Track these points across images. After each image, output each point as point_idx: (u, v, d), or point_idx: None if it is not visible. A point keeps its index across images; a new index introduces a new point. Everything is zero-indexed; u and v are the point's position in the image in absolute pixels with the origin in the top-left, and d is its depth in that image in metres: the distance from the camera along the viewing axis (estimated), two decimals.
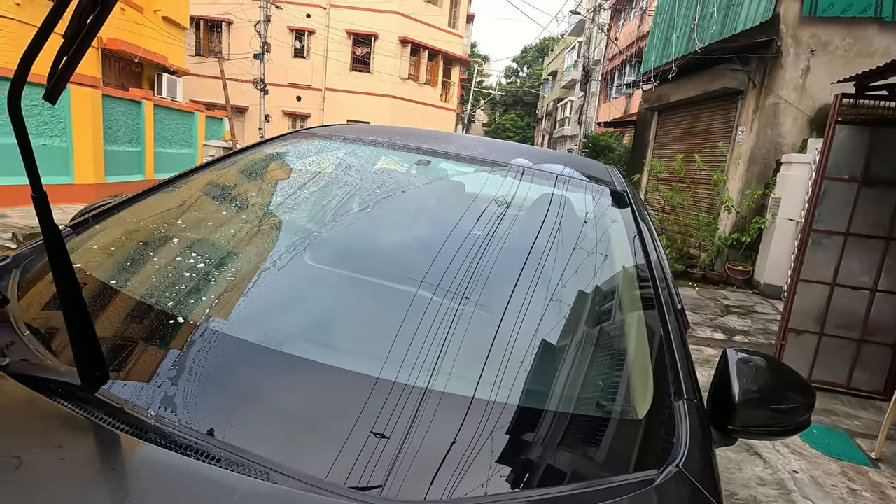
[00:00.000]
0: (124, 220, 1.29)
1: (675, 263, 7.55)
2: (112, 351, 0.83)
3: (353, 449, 0.69)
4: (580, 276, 1.15)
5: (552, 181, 1.48)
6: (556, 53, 37.56)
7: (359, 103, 21.17)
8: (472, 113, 42.15)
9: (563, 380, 0.91)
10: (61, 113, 8.19)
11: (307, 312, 1.07)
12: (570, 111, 28.69)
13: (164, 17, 12.82)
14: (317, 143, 1.66)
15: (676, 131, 10.01)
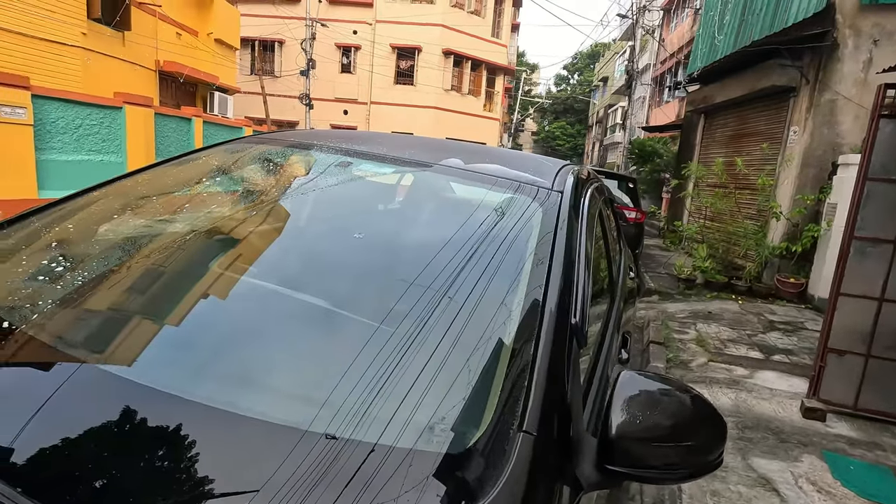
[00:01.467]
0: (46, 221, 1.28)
1: (716, 274, 7.02)
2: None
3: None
4: (458, 282, 1.02)
5: (474, 182, 1.37)
6: (606, 59, 36.64)
7: (402, 115, 21.54)
8: (519, 122, 41.83)
9: (382, 401, 0.79)
10: (117, 131, 8.84)
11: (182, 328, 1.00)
12: (620, 118, 27.80)
13: (217, 40, 13.65)
14: (238, 150, 1.62)
15: (723, 134, 9.39)
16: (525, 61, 47.91)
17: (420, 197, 1.44)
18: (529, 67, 47.13)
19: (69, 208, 1.33)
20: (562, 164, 1.59)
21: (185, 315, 0.98)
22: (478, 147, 1.79)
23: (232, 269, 1.13)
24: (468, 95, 22.57)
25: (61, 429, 0.68)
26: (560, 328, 0.91)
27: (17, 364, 0.81)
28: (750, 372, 4.12)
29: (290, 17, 19.11)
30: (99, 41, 9.90)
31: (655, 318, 5.49)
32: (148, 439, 0.69)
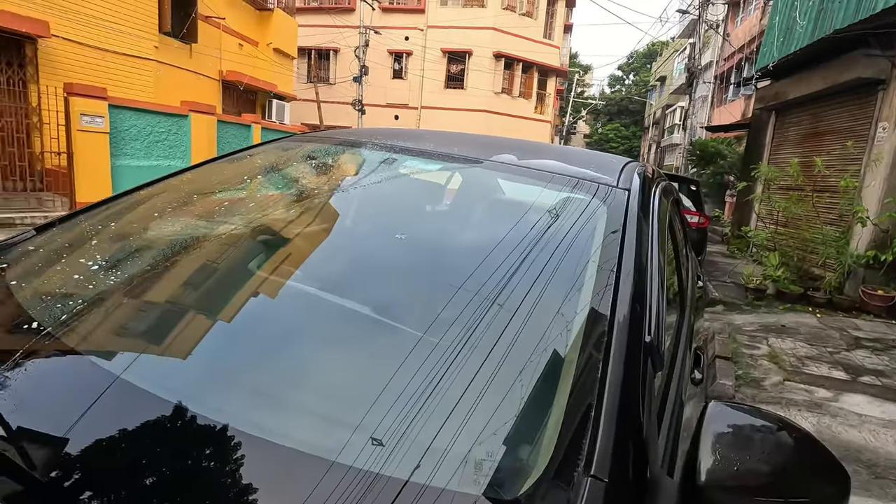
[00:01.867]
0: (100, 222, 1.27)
1: (790, 285, 6.44)
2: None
3: None
4: (510, 291, 0.89)
5: (529, 179, 1.24)
6: (664, 58, 35.18)
7: (452, 119, 21.57)
8: (572, 124, 40.94)
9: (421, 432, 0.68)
10: (183, 138, 9.34)
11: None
12: (679, 118, 26.55)
13: (276, 49, 14.20)
14: (286, 148, 1.57)
15: (797, 132, 8.67)
16: (578, 62, 46.91)
17: (469, 195, 1.32)
18: (582, 69, 46.10)
19: (113, 209, 1.31)
20: (625, 160, 1.43)
21: (217, 328, 0.90)
22: (532, 142, 1.65)
23: (270, 272, 1.06)
24: (519, 98, 22.29)
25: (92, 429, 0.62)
26: (632, 347, 0.77)
27: (61, 357, 0.76)
28: (834, 394, 3.70)
29: (345, 25, 19.64)
30: (169, 53, 10.52)
31: (721, 330, 5.09)
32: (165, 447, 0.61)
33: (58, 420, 0.64)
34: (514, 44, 21.23)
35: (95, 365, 0.74)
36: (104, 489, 0.58)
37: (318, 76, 21.67)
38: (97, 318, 0.89)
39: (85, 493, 0.57)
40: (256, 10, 13.51)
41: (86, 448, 0.61)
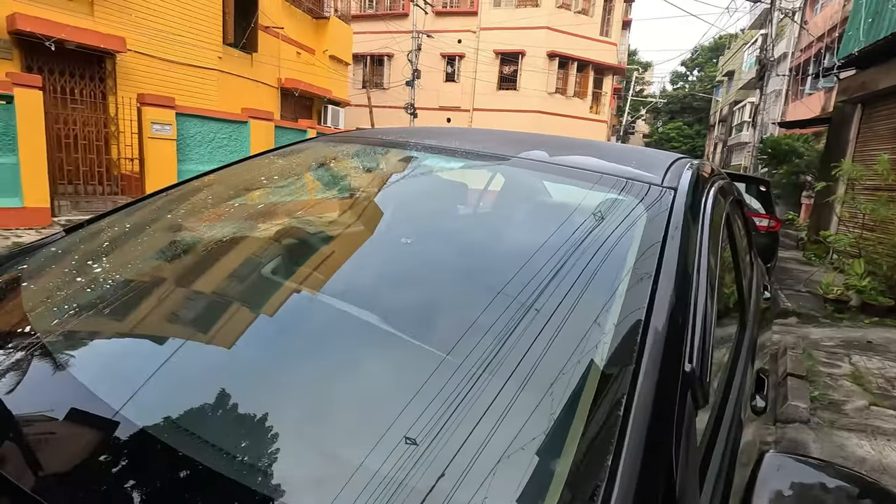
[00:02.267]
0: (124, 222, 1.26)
1: (878, 296, 5.77)
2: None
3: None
4: (531, 315, 0.76)
5: (561, 177, 1.11)
6: (733, 51, 33.10)
7: (505, 121, 21.35)
8: (630, 124, 39.45)
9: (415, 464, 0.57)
10: (243, 143, 9.78)
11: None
12: (748, 114, 24.88)
13: (331, 56, 14.62)
14: (312, 148, 1.51)
15: (888, 126, 7.80)
16: (637, 59, 45.21)
17: (492, 195, 1.21)
18: (641, 66, 44.36)
19: (133, 214, 1.30)
20: (676, 156, 1.26)
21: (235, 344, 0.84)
22: (570, 138, 1.51)
23: (281, 280, 1.00)
24: (573, 98, 21.71)
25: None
26: (667, 379, 0.63)
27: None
28: None
29: (399, 31, 19.94)
30: (231, 63, 11.07)
31: (794, 345, 4.62)
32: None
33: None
34: (568, 42, 20.71)
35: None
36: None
37: (372, 81, 22.15)
38: (101, 324, 0.85)
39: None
40: (313, 18, 13.97)
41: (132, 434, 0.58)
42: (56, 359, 0.73)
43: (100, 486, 0.54)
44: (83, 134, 7.81)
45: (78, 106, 7.87)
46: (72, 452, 0.59)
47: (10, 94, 6.35)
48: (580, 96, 21.93)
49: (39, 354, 0.74)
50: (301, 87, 13.02)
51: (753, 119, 18.49)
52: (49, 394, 0.68)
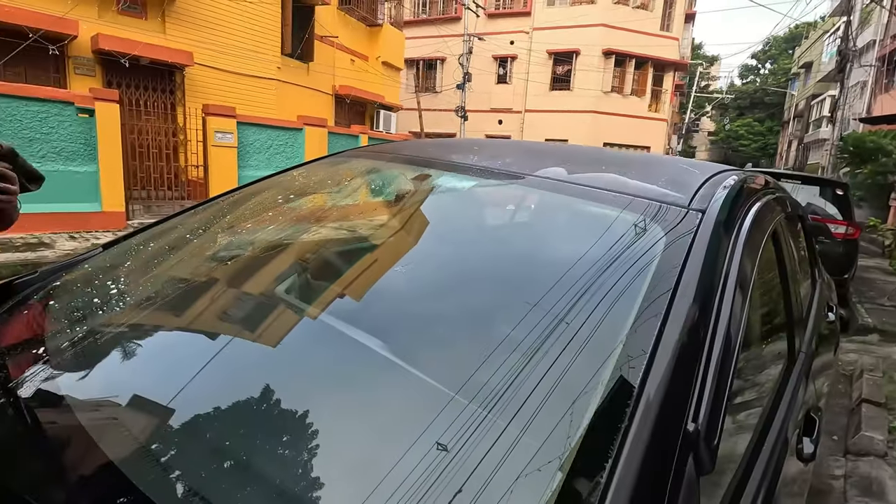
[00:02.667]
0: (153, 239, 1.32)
1: None
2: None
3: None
4: (524, 356, 0.71)
5: (576, 198, 1.04)
6: (811, 40, 30.64)
7: (557, 122, 20.92)
8: (693, 121, 37.48)
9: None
10: (298, 149, 10.16)
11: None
12: (827, 109, 22.93)
13: (384, 63, 14.91)
14: (333, 164, 1.52)
15: None
16: (702, 54, 42.93)
17: (503, 217, 1.15)
18: (707, 60, 42.06)
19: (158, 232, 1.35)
20: (715, 170, 1.15)
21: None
22: (599, 151, 1.42)
23: (290, 299, 1.00)
24: (631, 96, 20.92)
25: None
26: (661, 441, 0.56)
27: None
28: None
29: (451, 35, 20.03)
30: (288, 73, 11.54)
31: (873, 366, 4.17)
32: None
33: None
34: (626, 39, 19.98)
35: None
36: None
37: (425, 86, 22.41)
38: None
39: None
40: (367, 26, 14.32)
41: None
42: (111, 353, 0.78)
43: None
44: (154, 143, 8.42)
45: (150, 117, 8.49)
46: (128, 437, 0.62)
47: (92, 108, 6.94)
48: (638, 94, 21.10)
49: (98, 348, 0.80)
50: (354, 94, 13.37)
51: (833, 114, 17.01)
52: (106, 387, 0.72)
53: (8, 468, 0.63)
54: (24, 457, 0.65)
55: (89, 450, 0.64)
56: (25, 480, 0.61)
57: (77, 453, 0.65)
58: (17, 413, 0.72)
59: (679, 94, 31.06)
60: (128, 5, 8.45)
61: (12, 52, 7.16)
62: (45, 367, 0.79)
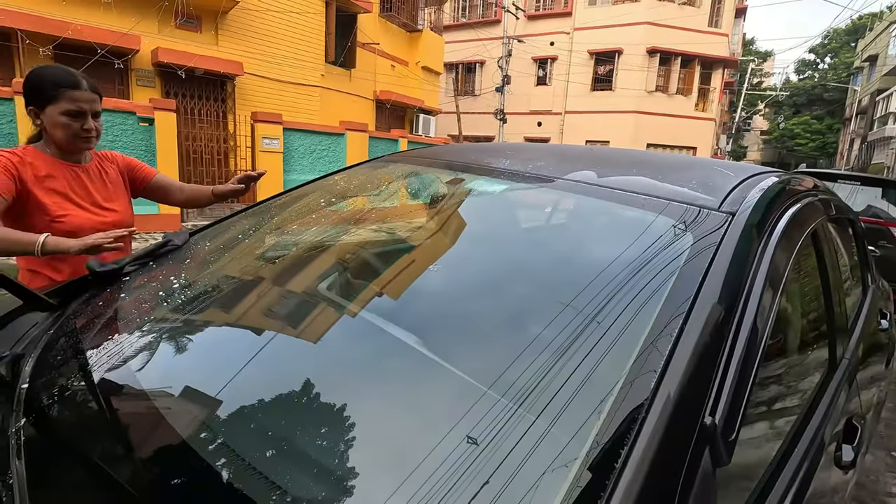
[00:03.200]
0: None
1: None
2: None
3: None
4: (549, 347, 0.75)
5: (605, 201, 1.07)
6: (876, 31, 28.72)
7: (598, 123, 20.54)
8: (744, 120, 35.88)
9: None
10: (340, 154, 10.47)
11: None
12: (894, 105, 21.43)
13: (424, 67, 15.12)
14: (373, 169, 1.60)
15: None
16: (754, 49, 41.04)
17: (533, 220, 1.19)
18: (759, 56, 40.16)
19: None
20: (751, 172, 1.14)
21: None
22: (628, 154, 1.44)
23: (331, 297, 1.08)
24: (676, 95, 20.28)
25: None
26: (676, 434, 0.58)
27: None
28: None
29: (490, 38, 20.07)
30: (331, 80, 11.90)
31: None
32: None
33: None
34: (671, 37, 19.40)
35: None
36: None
37: (464, 89, 22.52)
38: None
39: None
40: (407, 32, 14.57)
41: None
42: (175, 342, 0.88)
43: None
44: (206, 149, 8.89)
45: (203, 124, 8.98)
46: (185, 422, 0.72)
47: (152, 117, 7.41)
48: (684, 93, 20.42)
49: (159, 340, 0.90)
50: (394, 99, 13.62)
51: None
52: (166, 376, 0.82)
53: (89, 443, 0.72)
54: (103, 434, 0.75)
55: (159, 428, 0.72)
56: (104, 453, 0.70)
57: (147, 431, 0.74)
58: (95, 395, 0.82)
59: (729, 93, 29.82)
60: (185, 20, 8.97)
61: (83, 67, 7.75)
62: (119, 354, 0.90)
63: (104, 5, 7.96)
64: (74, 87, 1.42)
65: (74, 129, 1.45)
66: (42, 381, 0.83)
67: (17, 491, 0.62)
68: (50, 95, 1.42)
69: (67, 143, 1.48)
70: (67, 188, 1.50)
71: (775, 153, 40.20)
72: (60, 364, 0.89)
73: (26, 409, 0.76)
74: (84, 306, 1.12)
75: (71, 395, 0.81)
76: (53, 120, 1.44)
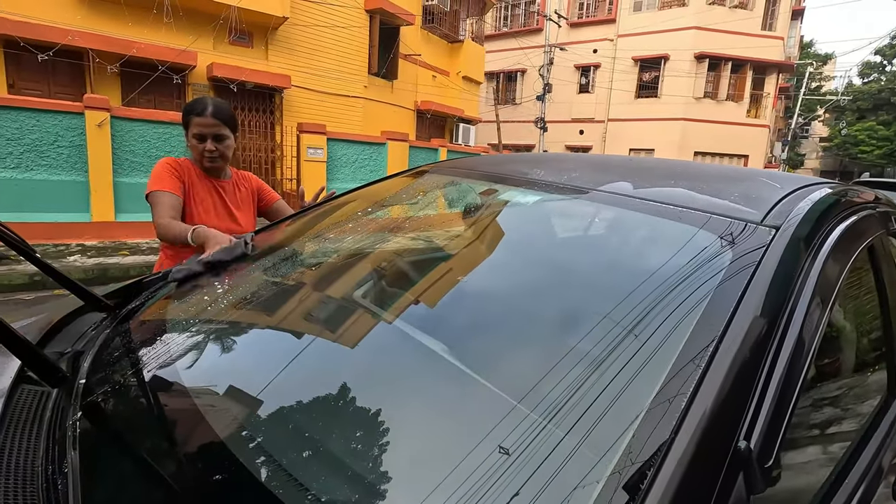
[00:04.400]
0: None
1: None
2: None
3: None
4: (578, 363, 0.74)
5: (641, 213, 1.05)
6: None
7: (643, 131, 20.05)
8: (802, 126, 34.05)
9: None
10: (381, 163, 10.67)
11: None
12: None
13: (464, 77, 15.24)
14: (419, 180, 1.62)
15: None
16: (812, 52, 38.97)
17: (558, 234, 1.18)
18: (818, 59, 38.10)
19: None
20: (801, 184, 1.09)
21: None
22: (669, 165, 1.40)
23: (371, 306, 1.11)
24: (726, 101, 19.53)
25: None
26: (706, 457, 0.57)
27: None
28: None
29: (532, 46, 20.01)
30: (374, 91, 12.19)
31: None
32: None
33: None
34: (721, 41, 18.74)
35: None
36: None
37: (505, 98, 22.52)
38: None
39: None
40: (448, 42, 14.74)
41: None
42: (220, 345, 0.93)
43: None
44: (255, 158, 9.28)
45: (252, 135, 9.38)
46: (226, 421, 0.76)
47: None
48: (735, 99, 19.64)
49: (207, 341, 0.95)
50: (434, 108, 13.79)
51: None
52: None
53: (137, 437, 0.77)
54: (151, 429, 0.80)
55: (202, 426, 0.76)
56: (151, 448, 0.75)
57: (191, 429, 0.78)
58: (145, 392, 0.87)
59: (784, 98, 28.42)
60: (237, 36, 9.44)
61: (146, 83, 8.29)
62: (168, 354, 0.95)
63: (165, 25, 8.50)
64: (199, 114, 1.70)
65: (199, 150, 1.74)
66: (98, 377, 0.90)
67: (70, 479, 0.67)
68: (185, 122, 1.74)
69: (199, 162, 1.78)
70: (208, 199, 1.79)
71: (836, 161, 37.86)
72: (115, 362, 0.96)
73: (83, 403, 0.82)
74: (138, 308, 1.19)
75: (123, 392, 0.86)
76: (188, 142, 1.76)
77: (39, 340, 1.02)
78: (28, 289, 4.93)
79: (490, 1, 16.23)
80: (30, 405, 0.83)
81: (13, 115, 6.29)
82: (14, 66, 7.71)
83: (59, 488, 0.67)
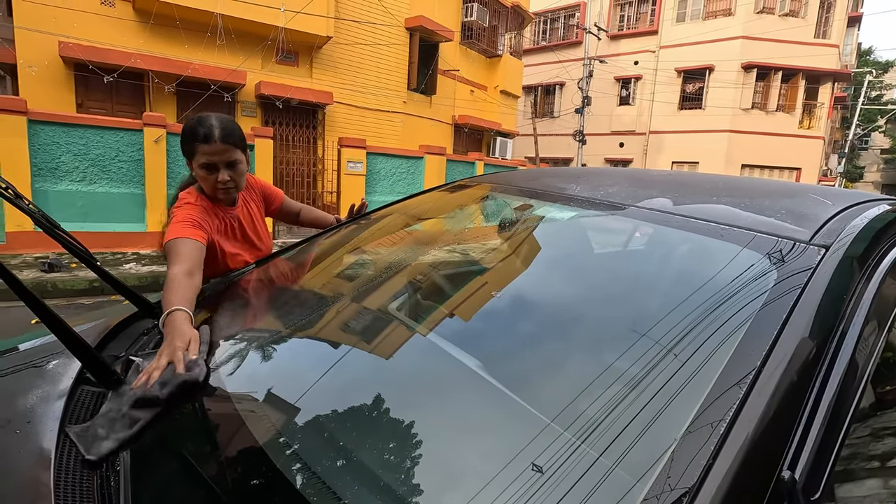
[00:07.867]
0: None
1: None
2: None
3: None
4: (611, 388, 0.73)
5: (680, 230, 1.02)
6: None
7: (686, 143, 19.49)
8: (860, 137, 32.20)
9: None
10: (419, 176, 10.81)
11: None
12: None
13: (502, 91, 15.30)
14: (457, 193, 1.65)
15: None
16: (871, 60, 36.94)
17: (595, 250, 1.16)
18: (878, 67, 36.05)
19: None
20: (854, 200, 1.03)
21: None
22: (712, 180, 1.36)
23: (396, 314, 1.13)
24: (776, 112, 18.74)
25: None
26: (746, 486, 0.54)
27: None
28: None
29: (571, 59, 19.92)
30: (412, 106, 12.41)
31: None
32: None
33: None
34: (770, 50, 18.06)
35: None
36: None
37: (543, 111, 22.44)
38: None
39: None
40: (487, 57, 14.87)
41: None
42: (260, 354, 0.97)
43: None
44: (297, 172, 9.60)
45: (296, 150, 9.72)
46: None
47: (252, 144, 8.17)
48: (786, 110, 18.83)
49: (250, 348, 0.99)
50: (472, 122, 13.89)
51: None
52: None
53: (183, 440, 0.81)
54: (196, 433, 0.83)
55: (242, 431, 0.80)
56: (195, 451, 0.79)
57: (233, 434, 0.82)
58: (189, 401, 0.91)
59: (840, 108, 27.01)
60: (284, 56, 9.87)
61: (199, 101, 8.77)
62: (214, 360, 1.00)
63: (218, 46, 8.98)
64: (205, 140, 1.43)
65: (211, 182, 1.48)
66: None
67: (122, 477, 0.71)
68: (188, 150, 1.47)
69: (211, 194, 1.53)
70: (228, 230, 1.57)
71: None
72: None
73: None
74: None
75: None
76: (195, 172, 1.49)
77: (97, 344, 1.09)
78: (88, 294, 5.26)
79: (529, 16, 16.29)
80: (87, 405, 0.89)
81: (80, 132, 6.77)
82: (83, 87, 8.33)
83: (112, 485, 0.71)
